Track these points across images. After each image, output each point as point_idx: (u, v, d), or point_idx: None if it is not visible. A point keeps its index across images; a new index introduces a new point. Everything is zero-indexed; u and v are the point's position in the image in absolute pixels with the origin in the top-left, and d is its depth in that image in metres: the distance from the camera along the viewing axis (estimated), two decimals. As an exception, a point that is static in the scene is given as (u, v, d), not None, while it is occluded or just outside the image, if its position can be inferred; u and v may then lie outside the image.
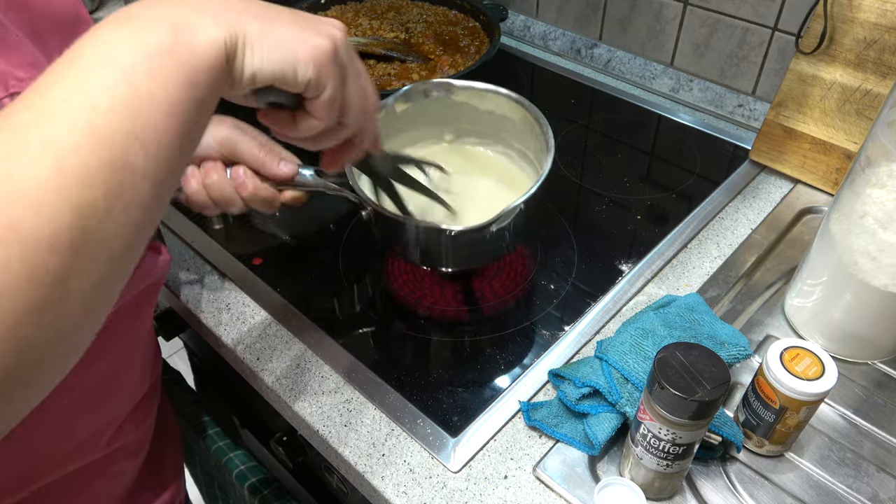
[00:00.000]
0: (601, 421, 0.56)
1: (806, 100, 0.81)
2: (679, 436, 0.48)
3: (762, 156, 0.87)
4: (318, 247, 0.80)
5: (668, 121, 0.98)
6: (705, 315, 0.63)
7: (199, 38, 0.33)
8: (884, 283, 0.58)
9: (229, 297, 0.73)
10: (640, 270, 0.74)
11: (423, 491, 0.56)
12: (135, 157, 0.29)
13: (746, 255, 0.75)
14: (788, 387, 0.51)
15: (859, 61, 0.75)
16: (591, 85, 1.06)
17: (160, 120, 0.30)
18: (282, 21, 0.37)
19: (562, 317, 0.69)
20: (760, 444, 0.57)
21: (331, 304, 0.73)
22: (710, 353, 0.47)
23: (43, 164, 0.27)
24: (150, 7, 0.33)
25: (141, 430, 0.58)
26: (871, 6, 0.73)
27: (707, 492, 0.56)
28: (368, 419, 0.61)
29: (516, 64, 1.13)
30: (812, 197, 0.83)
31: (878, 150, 0.56)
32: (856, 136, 0.78)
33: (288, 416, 0.64)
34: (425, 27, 1.08)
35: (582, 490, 0.55)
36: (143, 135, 0.30)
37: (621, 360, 0.57)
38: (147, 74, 0.30)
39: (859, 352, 0.65)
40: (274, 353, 0.67)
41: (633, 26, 1.05)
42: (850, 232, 0.59)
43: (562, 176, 0.89)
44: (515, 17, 1.20)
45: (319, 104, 0.40)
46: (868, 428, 0.60)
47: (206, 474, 0.85)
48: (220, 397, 0.97)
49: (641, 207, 0.83)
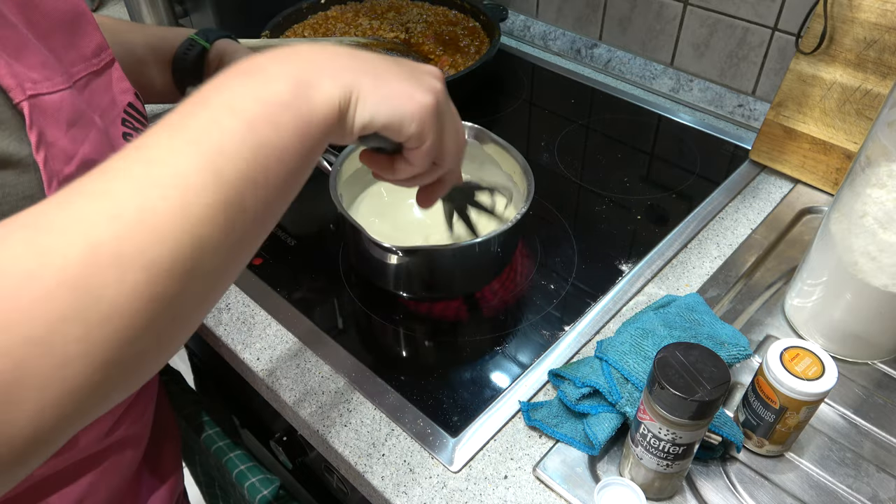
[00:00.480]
0: (601, 421, 0.56)
1: (806, 100, 0.81)
2: (679, 436, 0.48)
3: (762, 156, 0.87)
4: (319, 247, 0.80)
5: (668, 121, 0.98)
6: (705, 315, 0.63)
7: (317, 95, 0.36)
8: (884, 283, 0.58)
9: (229, 297, 0.73)
10: (640, 270, 0.74)
11: (423, 491, 0.56)
12: (248, 198, 0.32)
13: (746, 255, 0.75)
14: (788, 387, 0.51)
15: (859, 61, 0.75)
16: (591, 85, 1.06)
17: (272, 165, 0.33)
18: (391, 75, 0.40)
19: (562, 317, 0.69)
20: (760, 444, 0.57)
21: (331, 304, 0.73)
22: (710, 353, 0.47)
23: (171, 202, 0.30)
24: (275, 62, 0.36)
25: (138, 425, 0.58)
26: (871, 6, 0.73)
27: (707, 492, 0.56)
28: (368, 419, 0.61)
29: (516, 64, 1.13)
30: (812, 197, 0.83)
31: (878, 150, 0.56)
32: (856, 136, 0.78)
33: (288, 416, 0.64)
34: (425, 27, 1.08)
35: (582, 490, 0.55)
36: (257, 178, 0.33)
37: (621, 360, 0.57)
38: (267, 123, 0.33)
39: (859, 352, 0.65)
40: (274, 353, 0.67)
41: (633, 26, 1.05)
42: (850, 232, 0.59)
43: (562, 176, 0.89)
44: (515, 17, 1.20)
45: (419, 153, 0.43)
46: (868, 428, 0.60)
47: (206, 474, 0.85)
48: (220, 397, 0.97)
49: (641, 207, 0.83)
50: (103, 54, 0.48)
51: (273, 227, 0.37)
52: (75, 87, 0.43)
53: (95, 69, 0.46)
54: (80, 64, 0.45)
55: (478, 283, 0.72)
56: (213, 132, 0.32)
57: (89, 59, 0.46)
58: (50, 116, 0.39)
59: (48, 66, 0.40)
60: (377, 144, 0.44)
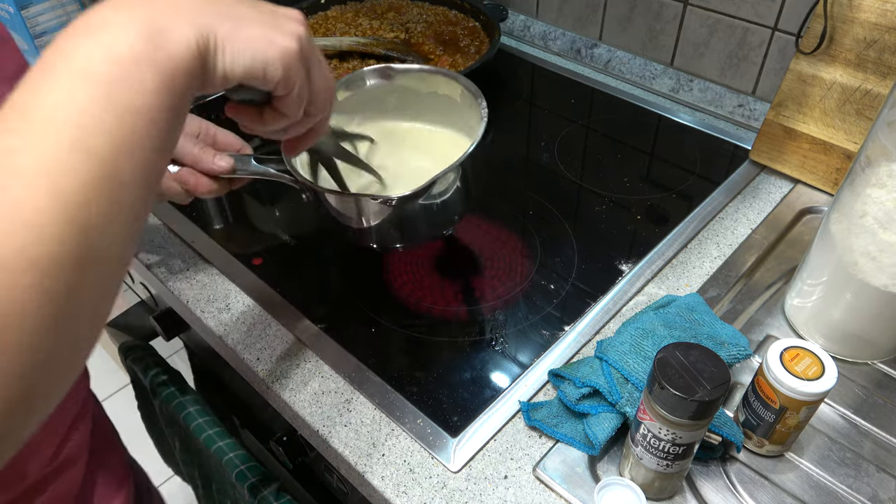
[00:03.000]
0: (601, 421, 0.56)
1: (806, 100, 0.81)
2: (679, 436, 0.48)
3: (762, 156, 0.87)
4: (318, 247, 0.80)
5: (668, 121, 0.98)
6: (705, 315, 0.63)
7: (174, 42, 0.33)
8: (884, 283, 0.58)
9: (229, 297, 0.73)
10: (640, 270, 0.74)
11: (423, 491, 0.56)
12: (123, 168, 0.30)
13: (746, 255, 0.75)
14: (788, 387, 0.51)
15: (859, 61, 0.75)
16: (591, 85, 1.06)
17: (142, 128, 0.31)
18: (249, 21, 0.37)
19: (562, 317, 0.69)
20: (760, 444, 0.57)
21: (331, 303, 0.73)
22: (710, 353, 0.47)
23: (38, 189, 0.27)
24: (118, 9, 0.32)
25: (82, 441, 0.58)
26: (871, 6, 0.73)
27: (707, 492, 0.56)
28: (368, 419, 0.61)
29: (516, 64, 1.13)
30: (812, 197, 0.83)
31: (878, 150, 0.56)
32: (856, 136, 0.78)
33: (288, 416, 0.64)
34: (425, 27, 1.08)
35: (582, 490, 0.55)
36: (128, 145, 0.30)
37: (621, 360, 0.57)
38: (127, 85, 0.30)
39: (859, 352, 0.65)
40: (274, 353, 0.67)
41: (633, 26, 1.05)
42: (850, 232, 0.59)
43: (562, 176, 0.89)
44: (515, 17, 1.20)
45: (288, 101, 0.41)
46: (868, 428, 0.60)
47: (205, 475, 0.84)
48: (220, 397, 0.97)
49: (641, 207, 0.83)
50: None
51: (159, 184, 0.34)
52: None
53: None
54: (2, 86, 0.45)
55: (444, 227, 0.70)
56: (69, 107, 0.29)
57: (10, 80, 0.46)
58: None
59: None
60: (246, 96, 0.41)
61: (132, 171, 0.30)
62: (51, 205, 0.27)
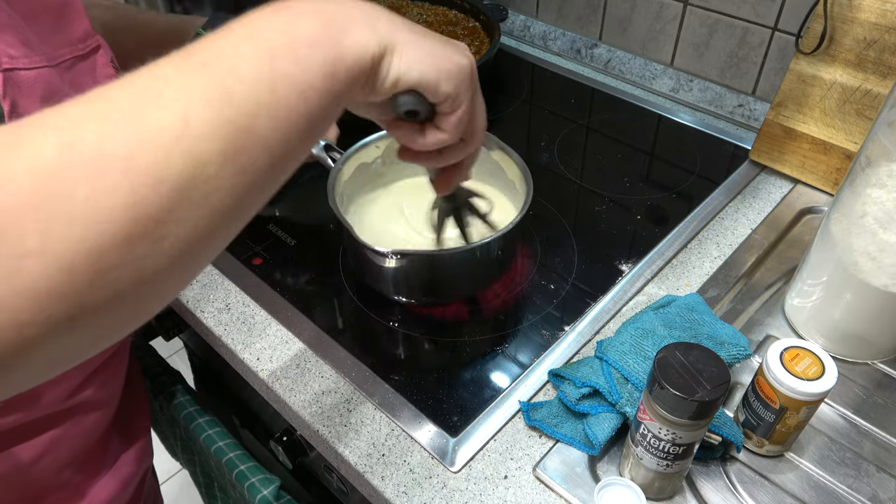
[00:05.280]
0: (601, 421, 0.56)
1: (806, 100, 0.81)
2: (679, 436, 0.48)
3: (762, 156, 0.87)
4: (318, 247, 0.80)
5: (668, 121, 0.98)
6: (705, 315, 0.63)
7: (350, 40, 0.35)
8: (884, 283, 0.58)
9: (229, 297, 0.73)
10: (640, 270, 0.74)
11: (424, 491, 0.56)
12: (260, 125, 0.30)
13: (746, 255, 0.75)
14: (788, 387, 0.51)
15: (859, 61, 0.75)
16: (591, 85, 1.06)
17: (293, 99, 0.32)
18: (428, 37, 0.40)
19: (562, 317, 0.69)
20: (760, 444, 0.57)
21: (331, 303, 0.73)
22: (710, 353, 0.47)
23: (169, 112, 0.28)
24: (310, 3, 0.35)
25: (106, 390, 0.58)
26: (871, 6, 0.73)
27: (707, 492, 0.56)
28: (368, 419, 0.61)
29: (516, 64, 1.13)
30: (812, 197, 0.83)
31: (878, 150, 0.56)
32: (856, 136, 0.78)
33: (288, 416, 0.64)
34: (425, 27, 1.08)
35: (582, 490, 0.55)
36: (273, 108, 0.31)
37: (621, 360, 0.57)
38: (290, 57, 0.32)
39: (859, 352, 0.65)
40: (274, 353, 0.67)
41: (633, 26, 1.05)
42: (850, 232, 0.59)
43: (562, 176, 0.88)
44: (515, 17, 1.20)
45: (451, 119, 0.42)
46: (868, 428, 0.60)
47: (206, 474, 0.85)
48: (220, 397, 0.97)
49: (641, 207, 0.83)
50: (90, 41, 0.50)
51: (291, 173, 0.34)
52: (58, 67, 0.45)
53: (80, 53, 0.48)
54: (66, 47, 0.47)
55: (476, 288, 0.72)
56: (231, 56, 0.30)
57: (75, 43, 0.48)
58: (24, 90, 0.41)
59: (28, 45, 0.42)
60: (409, 107, 0.41)
61: (269, 132, 0.31)
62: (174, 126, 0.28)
